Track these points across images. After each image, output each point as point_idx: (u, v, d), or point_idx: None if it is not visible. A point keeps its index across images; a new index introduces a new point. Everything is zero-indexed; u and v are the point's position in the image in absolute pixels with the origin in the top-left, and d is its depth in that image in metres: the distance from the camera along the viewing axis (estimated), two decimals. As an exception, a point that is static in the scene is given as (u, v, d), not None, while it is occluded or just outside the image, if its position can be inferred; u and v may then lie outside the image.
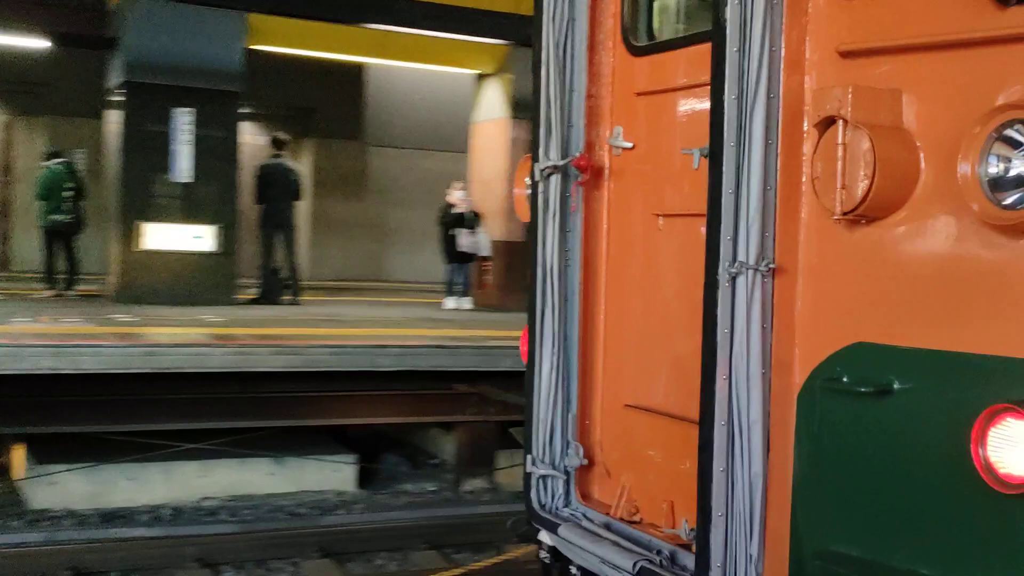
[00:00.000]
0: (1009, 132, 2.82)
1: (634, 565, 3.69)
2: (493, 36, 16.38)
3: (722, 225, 3.32)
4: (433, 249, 17.65)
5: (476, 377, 11.27)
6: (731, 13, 3.29)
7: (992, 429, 2.86)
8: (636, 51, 4.29)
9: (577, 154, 4.31)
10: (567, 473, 4.39)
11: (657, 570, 3.68)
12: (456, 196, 16.48)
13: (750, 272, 3.31)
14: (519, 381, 4.58)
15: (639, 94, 4.23)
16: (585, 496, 4.42)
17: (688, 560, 3.72)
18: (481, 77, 18.02)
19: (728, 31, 3.30)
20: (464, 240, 16.29)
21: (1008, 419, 2.83)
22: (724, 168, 3.30)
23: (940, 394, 3.07)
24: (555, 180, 4.30)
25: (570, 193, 4.32)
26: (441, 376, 11.13)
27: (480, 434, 11.25)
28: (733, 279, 3.32)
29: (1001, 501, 2.86)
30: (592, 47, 4.35)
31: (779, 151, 3.34)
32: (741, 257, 3.31)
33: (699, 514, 3.42)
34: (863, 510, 3.28)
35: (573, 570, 4.95)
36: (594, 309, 4.43)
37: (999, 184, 2.84)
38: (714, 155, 3.34)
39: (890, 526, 3.22)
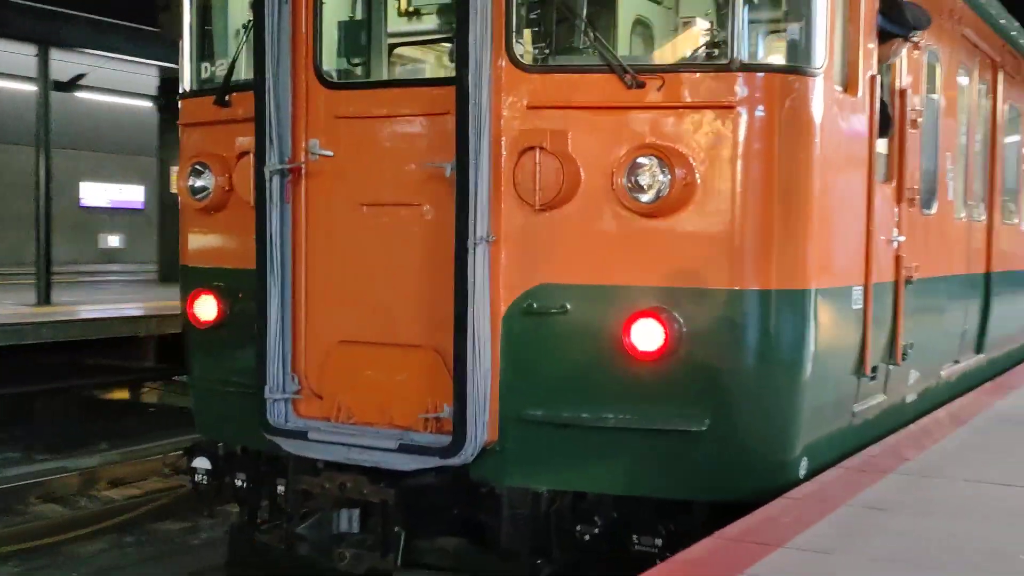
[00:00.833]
0: (639, 159, 5.17)
1: (396, 443, 5.43)
2: None
3: (468, 214, 5.23)
4: None
5: None
6: (471, 79, 5.21)
7: (633, 325, 5.22)
8: (330, 86, 5.90)
9: (287, 159, 5.80)
10: (287, 398, 5.88)
11: (409, 442, 5.46)
12: None
13: (483, 243, 5.27)
14: None
15: (339, 117, 5.84)
16: (299, 414, 5.93)
17: (419, 437, 5.55)
18: None
19: (470, 90, 5.20)
20: None
21: (641, 319, 5.21)
22: (469, 177, 5.21)
23: (598, 310, 5.36)
24: (276, 178, 5.75)
25: (285, 188, 5.80)
26: None
27: None
28: (475, 248, 5.25)
29: (638, 365, 5.24)
30: (294, 79, 5.84)
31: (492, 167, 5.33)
32: (479, 234, 5.25)
33: (456, 399, 5.32)
34: (544, 385, 5.45)
35: (238, 482, 6.44)
36: (301, 273, 5.94)
37: (636, 188, 5.18)
38: (461, 169, 5.23)
39: (563, 392, 5.44)
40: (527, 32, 5.62)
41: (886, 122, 6.35)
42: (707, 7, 6.51)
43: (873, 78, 6.08)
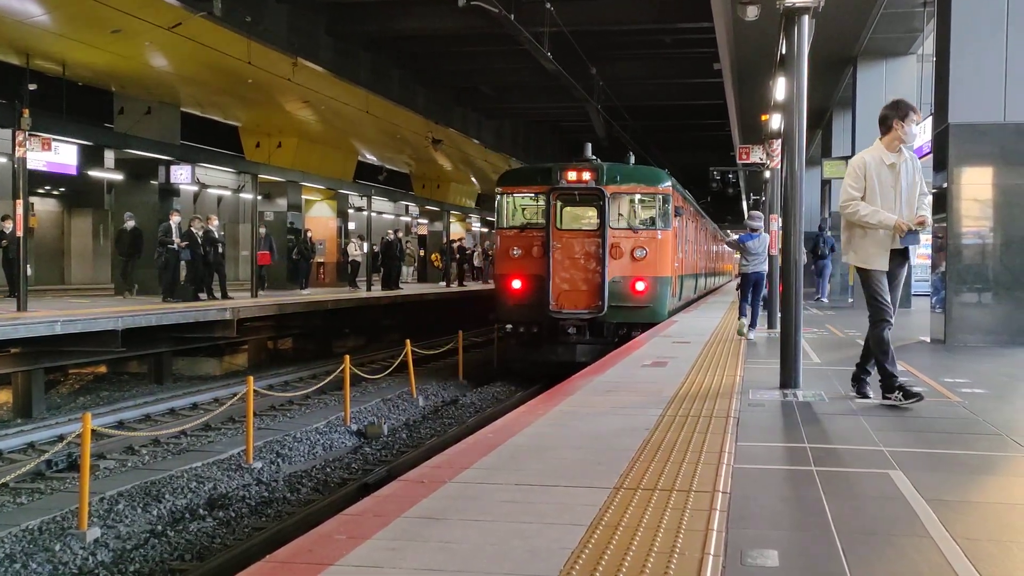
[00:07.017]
0: (638, 247, 24.60)
1: (587, 311, 24.38)
2: None
3: (605, 261, 24.27)
4: None
5: None
6: (606, 230, 24.31)
7: (635, 283, 24.70)
8: (558, 229, 24.72)
9: (552, 248, 24.58)
10: (552, 303, 24.58)
11: (589, 310, 24.40)
12: None
13: (606, 267, 24.35)
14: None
15: (562, 237, 24.65)
16: (552, 309, 24.59)
17: (590, 310, 24.51)
18: None
19: (605, 234, 24.28)
20: None
21: (638, 281, 24.73)
22: (605, 253, 24.28)
23: (628, 281, 24.73)
24: (549, 251, 24.54)
25: (551, 253, 24.57)
26: None
27: None
28: (605, 266, 24.31)
29: (637, 293, 24.70)
30: (551, 227, 24.58)
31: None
32: (607, 264, 24.33)
33: (600, 300, 24.31)
34: (616, 298, 24.62)
35: (520, 330, 25.43)
36: (552, 272, 24.61)
37: (636, 254, 24.60)
38: (602, 250, 24.29)
39: (619, 299, 24.67)
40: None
41: (677, 235, 26.13)
42: (652, 210, 25.75)
43: (675, 226, 25.80)
